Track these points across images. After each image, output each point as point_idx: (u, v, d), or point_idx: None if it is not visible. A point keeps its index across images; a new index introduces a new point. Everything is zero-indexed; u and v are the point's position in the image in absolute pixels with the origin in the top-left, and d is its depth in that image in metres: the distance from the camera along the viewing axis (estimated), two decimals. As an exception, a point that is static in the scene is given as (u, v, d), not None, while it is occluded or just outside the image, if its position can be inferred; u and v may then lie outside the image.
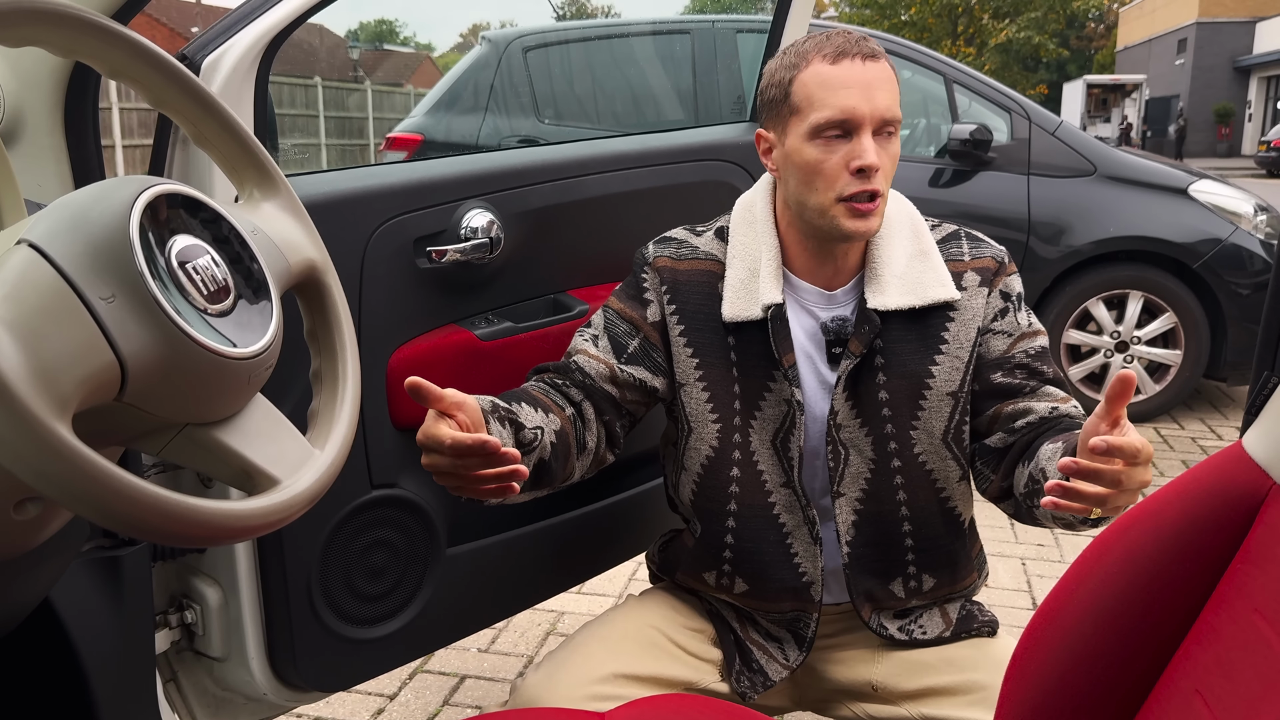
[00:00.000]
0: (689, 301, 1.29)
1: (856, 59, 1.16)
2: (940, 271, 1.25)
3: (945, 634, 1.31)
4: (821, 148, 1.17)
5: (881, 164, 1.16)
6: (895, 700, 1.30)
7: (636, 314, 1.31)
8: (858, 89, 1.15)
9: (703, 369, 1.28)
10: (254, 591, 1.32)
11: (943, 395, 1.25)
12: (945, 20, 33.40)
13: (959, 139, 4.05)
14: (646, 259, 1.33)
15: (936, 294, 1.23)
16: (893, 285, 1.23)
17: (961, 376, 1.26)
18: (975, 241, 1.30)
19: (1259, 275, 3.97)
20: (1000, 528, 3.12)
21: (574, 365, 1.30)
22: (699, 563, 1.34)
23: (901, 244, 1.26)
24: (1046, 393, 1.26)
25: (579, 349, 1.31)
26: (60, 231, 0.67)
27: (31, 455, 0.58)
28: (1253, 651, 0.74)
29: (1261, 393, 0.88)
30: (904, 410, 1.24)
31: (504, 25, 20.19)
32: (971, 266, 1.27)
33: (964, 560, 1.33)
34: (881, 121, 1.16)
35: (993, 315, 1.27)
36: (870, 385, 1.24)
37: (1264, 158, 22.11)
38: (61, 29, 0.71)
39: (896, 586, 1.29)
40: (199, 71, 1.17)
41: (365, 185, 1.33)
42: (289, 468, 0.78)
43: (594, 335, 1.32)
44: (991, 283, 1.27)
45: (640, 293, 1.32)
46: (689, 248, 1.32)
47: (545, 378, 1.32)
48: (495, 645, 2.38)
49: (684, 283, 1.29)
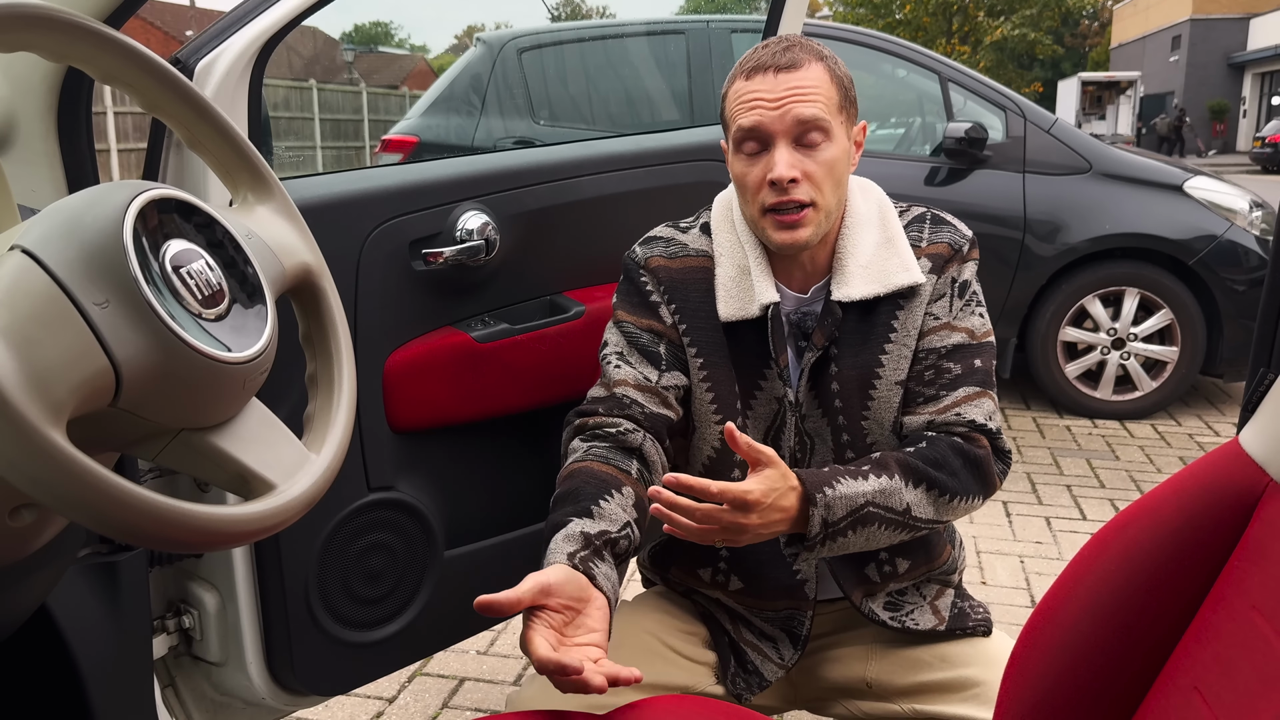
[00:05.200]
0: (688, 300, 1.28)
1: (769, 73, 1.16)
2: (905, 256, 1.24)
3: (939, 628, 1.31)
4: (745, 161, 1.19)
5: (805, 172, 1.16)
6: (890, 697, 1.29)
7: (653, 321, 1.28)
8: (766, 103, 1.16)
9: (706, 369, 1.27)
10: (251, 596, 1.32)
11: (891, 385, 1.24)
12: (940, 18, 33.42)
13: (954, 137, 4.05)
14: (639, 261, 1.30)
15: (900, 280, 1.22)
16: (857, 276, 1.23)
17: (909, 365, 1.25)
18: (937, 225, 1.28)
19: (1255, 271, 3.97)
20: (998, 525, 3.12)
21: (625, 400, 1.24)
22: (694, 559, 1.33)
23: (869, 234, 1.25)
24: (935, 400, 1.23)
25: (618, 380, 1.25)
26: (54, 237, 0.66)
27: (26, 462, 0.58)
28: (1251, 649, 0.74)
29: (1258, 389, 0.88)
30: (854, 401, 1.24)
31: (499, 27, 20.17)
32: (926, 253, 1.25)
33: (934, 538, 1.32)
34: (797, 129, 1.15)
35: (932, 298, 1.25)
36: (824, 377, 1.24)
37: (1259, 154, 22.16)
38: (53, 34, 0.70)
39: (871, 571, 1.29)
40: (193, 75, 1.17)
41: (360, 188, 1.32)
42: (285, 472, 0.78)
43: (622, 357, 1.27)
44: (943, 270, 1.25)
45: (645, 298, 1.29)
46: (678, 245, 1.31)
47: (601, 428, 1.22)
48: (494, 647, 2.37)
49: (680, 282, 1.28)
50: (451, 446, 1.46)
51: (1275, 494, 0.79)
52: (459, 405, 1.43)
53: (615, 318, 1.32)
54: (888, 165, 4.26)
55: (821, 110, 1.16)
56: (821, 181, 1.17)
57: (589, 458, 1.20)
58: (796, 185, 1.16)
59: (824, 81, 1.17)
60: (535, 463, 1.57)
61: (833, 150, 1.17)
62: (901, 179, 4.16)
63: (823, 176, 1.17)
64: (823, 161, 1.17)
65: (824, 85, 1.17)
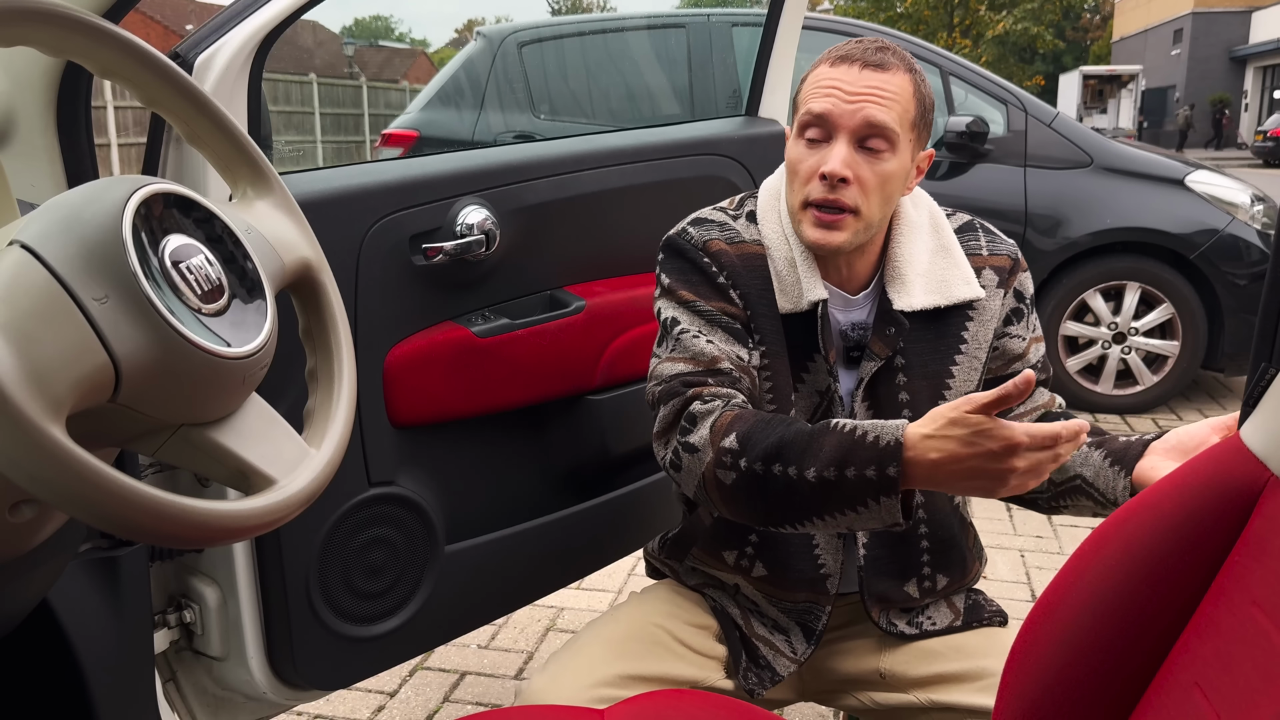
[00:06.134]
0: (751, 288, 1.23)
1: (855, 65, 1.14)
2: (964, 268, 1.24)
3: (956, 623, 1.32)
4: (803, 147, 1.16)
5: (857, 176, 1.13)
6: (903, 687, 1.30)
7: (725, 304, 1.22)
8: (842, 93, 1.13)
9: (768, 357, 1.23)
10: (252, 591, 1.32)
11: (960, 395, 1.24)
12: (941, 12, 33.35)
13: (955, 131, 4.05)
14: (696, 244, 1.23)
15: (961, 293, 1.22)
16: (917, 284, 1.21)
17: (978, 376, 1.26)
18: (991, 236, 1.29)
19: (1256, 266, 3.97)
20: (999, 519, 3.12)
21: (733, 374, 1.17)
22: (719, 541, 1.31)
23: (923, 240, 1.24)
24: (1043, 394, 1.31)
25: (713, 354, 1.17)
26: (53, 232, 0.66)
27: (25, 458, 0.58)
28: (1251, 644, 0.74)
29: (1259, 384, 0.88)
30: (924, 411, 1.23)
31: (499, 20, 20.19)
32: (990, 264, 1.26)
33: (970, 554, 1.35)
34: (865, 130, 1.12)
35: (1006, 317, 1.27)
36: (890, 387, 1.23)
37: (1260, 148, 22.12)
38: (51, 28, 0.70)
39: (911, 587, 1.29)
40: (192, 69, 1.16)
41: (360, 182, 1.32)
42: (285, 467, 0.78)
43: (707, 332, 1.20)
44: (1007, 282, 1.27)
45: (712, 280, 1.22)
46: (733, 231, 1.26)
47: (717, 396, 1.15)
48: (495, 641, 2.38)
49: (741, 268, 1.24)
50: (452, 441, 1.46)
51: (1276, 489, 0.79)
52: (459, 400, 1.43)
53: (677, 298, 1.23)
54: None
55: (894, 119, 1.13)
56: (872, 192, 1.14)
57: (738, 408, 1.13)
58: (846, 186, 1.13)
59: (906, 93, 1.14)
60: (536, 457, 1.57)
61: (893, 164, 1.14)
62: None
63: (875, 187, 1.14)
64: (879, 171, 1.14)
65: (905, 96, 1.14)
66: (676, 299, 1.23)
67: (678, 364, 1.19)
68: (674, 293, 1.23)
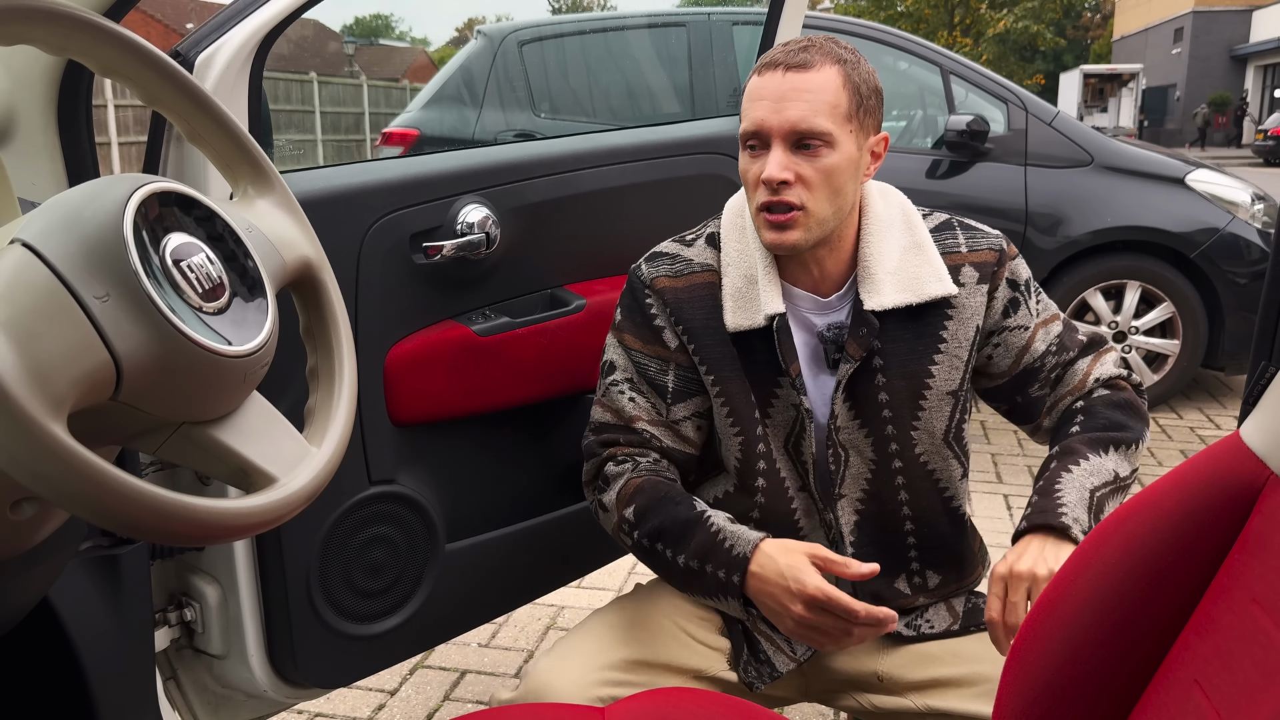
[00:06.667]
0: (695, 318, 1.27)
1: (778, 70, 1.16)
2: (936, 265, 1.24)
3: (953, 627, 1.32)
4: (747, 158, 1.19)
5: (799, 176, 1.15)
6: (901, 691, 1.30)
7: (659, 347, 1.28)
8: (769, 101, 1.15)
9: (719, 384, 1.27)
10: (253, 589, 1.32)
11: (942, 395, 1.25)
12: (942, 11, 33.34)
13: (956, 130, 4.04)
14: (645, 281, 1.29)
15: (933, 290, 1.22)
16: (887, 283, 1.22)
17: (961, 375, 1.26)
18: (971, 231, 1.28)
19: (1256, 264, 3.97)
20: (999, 518, 3.12)
21: (645, 434, 1.28)
22: None
23: (894, 238, 1.24)
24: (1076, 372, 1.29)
25: (632, 415, 1.28)
26: (54, 230, 0.66)
27: (26, 456, 0.58)
28: (1251, 642, 0.74)
29: (1259, 382, 0.88)
30: (904, 411, 1.24)
31: (499, 19, 20.23)
32: (970, 260, 1.25)
33: (968, 556, 1.35)
34: (792, 134, 1.14)
35: (1002, 310, 1.26)
36: (869, 388, 1.24)
37: (1260, 146, 22.11)
38: (52, 27, 0.70)
39: (901, 584, 1.30)
40: (192, 68, 1.17)
41: (361, 181, 1.32)
42: (286, 465, 0.78)
43: (633, 385, 1.29)
44: (993, 277, 1.26)
45: (650, 321, 1.29)
46: (683, 262, 1.30)
47: (632, 457, 1.28)
48: (495, 640, 2.38)
49: (686, 300, 1.28)
50: (452, 440, 1.47)
51: (1276, 487, 0.79)
52: (460, 398, 1.43)
53: (619, 336, 1.31)
54: (889, 158, 4.24)
55: (822, 115, 1.14)
56: (816, 187, 1.16)
57: (644, 473, 1.26)
58: (788, 187, 1.15)
59: (833, 86, 1.15)
60: (536, 456, 1.57)
61: (834, 158, 1.15)
62: (903, 172, 4.15)
63: (819, 182, 1.15)
64: (820, 167, 1.15)
65: (831, 90, 1.15)
66: (618, 339, 1.31)
67: (603, 413, 1.31)
68: (618, 332, 1.32)
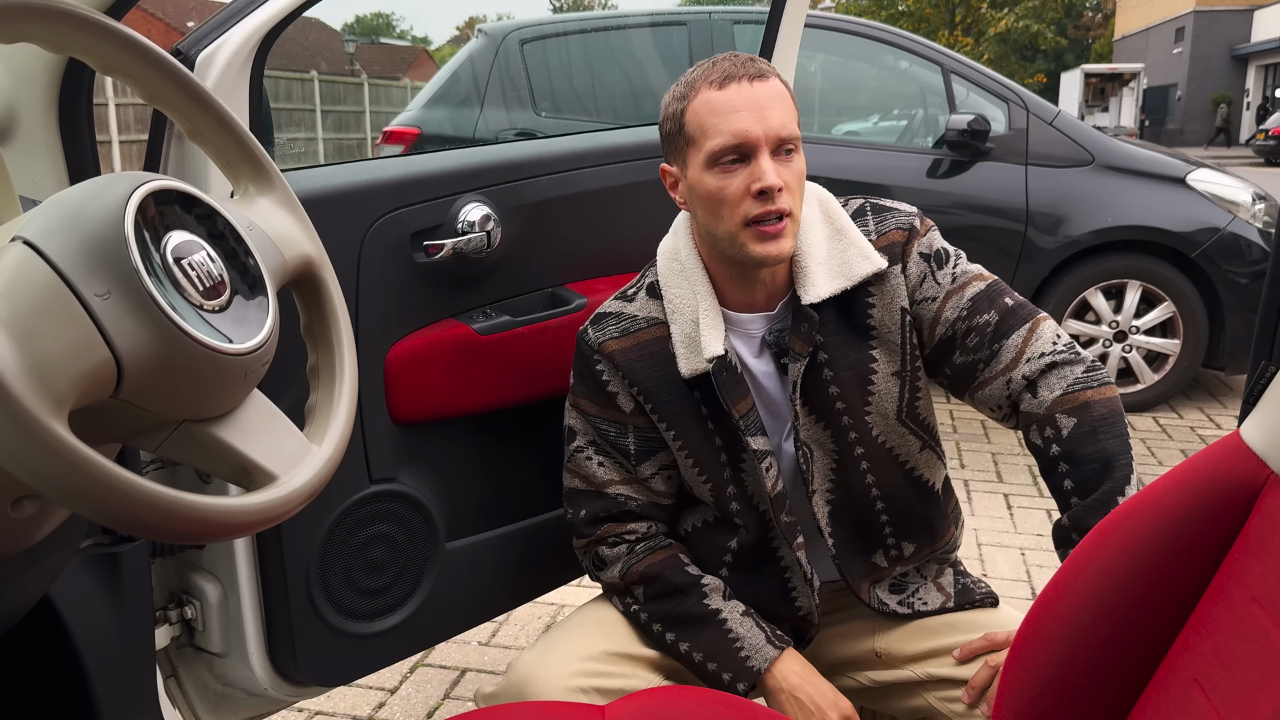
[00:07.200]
0: (649, 377, 1.27)
1: (743, 81, 1.15)
2: (861, 245, 1.23)
3: (948, 605, 1.33)
4: (720, 175, 1.16)
5: (786, 182, 1.15)
6: (899, 664, 1.32)
7: (614, 412, 1.30)
8: (748, 111, 1.14)
9: (680, 437, 1.28)
10: (254, 587, 1.32)
11: (888, 377, 1.25)
12: (943, 10, 33.33)
13: (956, 129, 4.04)
14: (593, 346, 1.29)
15: (862, 269, 1.22)
16: (820, 273, 1.22)
17: (901, 356, 1.25)
18: (880, 214, 1.27)
19: (1257, 264, 3.97)
20: (999, 518, 3.12)
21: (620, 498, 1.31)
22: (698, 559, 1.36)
23: (818, 230, 1.25)
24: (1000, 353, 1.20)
25: (603, 480, 1.31)
26: (55, 229, 0.66)
27: (27, 453, 0.58)
28: (1250, 641, 0.74)
29: (1259, 382, 0.88)
30: (855, 399, 1.25)
31: (501, 18, 20.23)
32: (879, 245, 1.24)
33: (939, 520, 1.35)
34: (777, 141, 1.15)
35: (915, 284, 1.24)
36: (819, 384, 1.24)
37: (1261, 146, 22.10)
38: (53, 25, 0.70)
39: (879, 558, 1.32)
40: (193, 66, 1.17)
41: (361, 180, 1.32)
42: (286, 463, 0.78)
43: (598, 449, 1.31)
44: (903, 255, 1.24)
45: (603, 387, 1.29)
46: (628, 319, 1.29)
47: (622, 538, 1.32)
48: (496, 638, 2.38)
49: (637, 360, 1.27)
50: (453, 438, 1.47)
51: (1276, 486, 0.79)
52: (460, 397, 1.43)
53: (575, 401, 1.32)
54: (890, 158, 4.26)
55: (791, 121, 1.17)
56: (795, 192, 1.17)
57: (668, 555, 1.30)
58: (780, 194, 1.15)
59: (786, 93, 1.19)
60: (537, 454, 1.57)
61: (801, 160, 1.18)
62: (904, 171, 4.16)
63: (796, 187, 1.18)
64: (797, 171, 1.17)
65: (788, 96, 1.19)
66: (575, 404, 1.33)
67: (574, 479, 1.34)
68: (574, 397, 1.33)
